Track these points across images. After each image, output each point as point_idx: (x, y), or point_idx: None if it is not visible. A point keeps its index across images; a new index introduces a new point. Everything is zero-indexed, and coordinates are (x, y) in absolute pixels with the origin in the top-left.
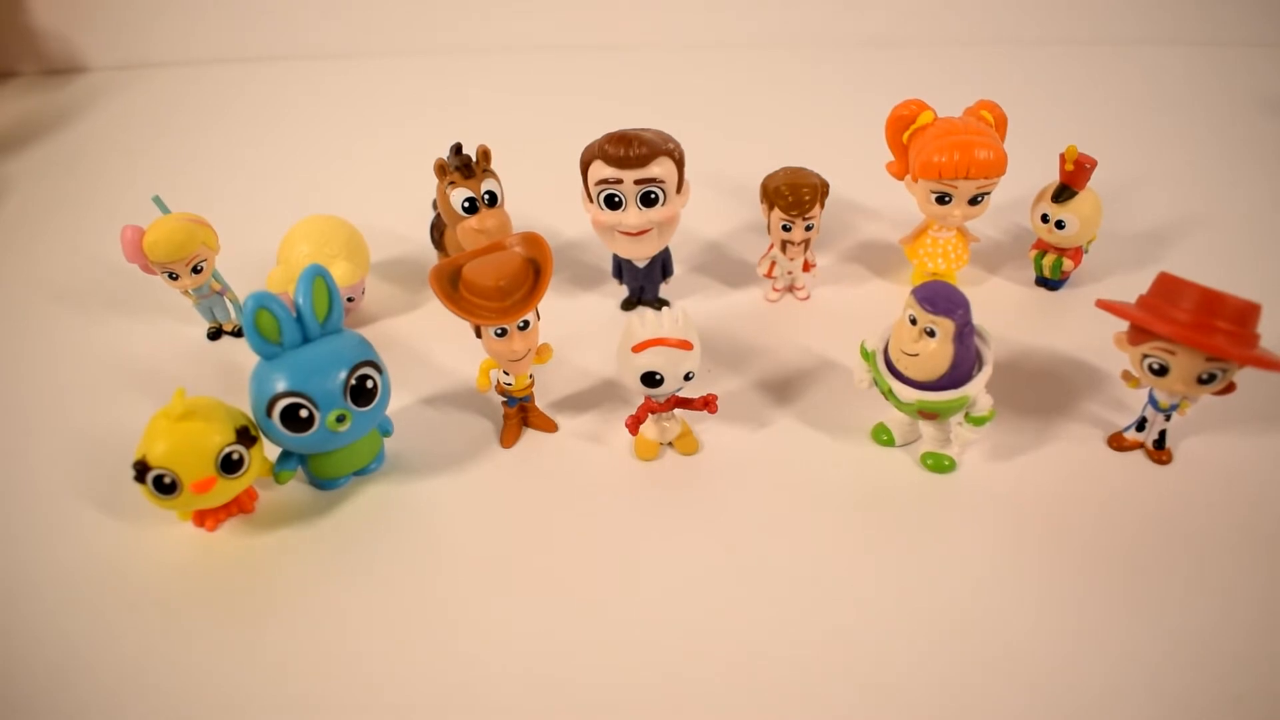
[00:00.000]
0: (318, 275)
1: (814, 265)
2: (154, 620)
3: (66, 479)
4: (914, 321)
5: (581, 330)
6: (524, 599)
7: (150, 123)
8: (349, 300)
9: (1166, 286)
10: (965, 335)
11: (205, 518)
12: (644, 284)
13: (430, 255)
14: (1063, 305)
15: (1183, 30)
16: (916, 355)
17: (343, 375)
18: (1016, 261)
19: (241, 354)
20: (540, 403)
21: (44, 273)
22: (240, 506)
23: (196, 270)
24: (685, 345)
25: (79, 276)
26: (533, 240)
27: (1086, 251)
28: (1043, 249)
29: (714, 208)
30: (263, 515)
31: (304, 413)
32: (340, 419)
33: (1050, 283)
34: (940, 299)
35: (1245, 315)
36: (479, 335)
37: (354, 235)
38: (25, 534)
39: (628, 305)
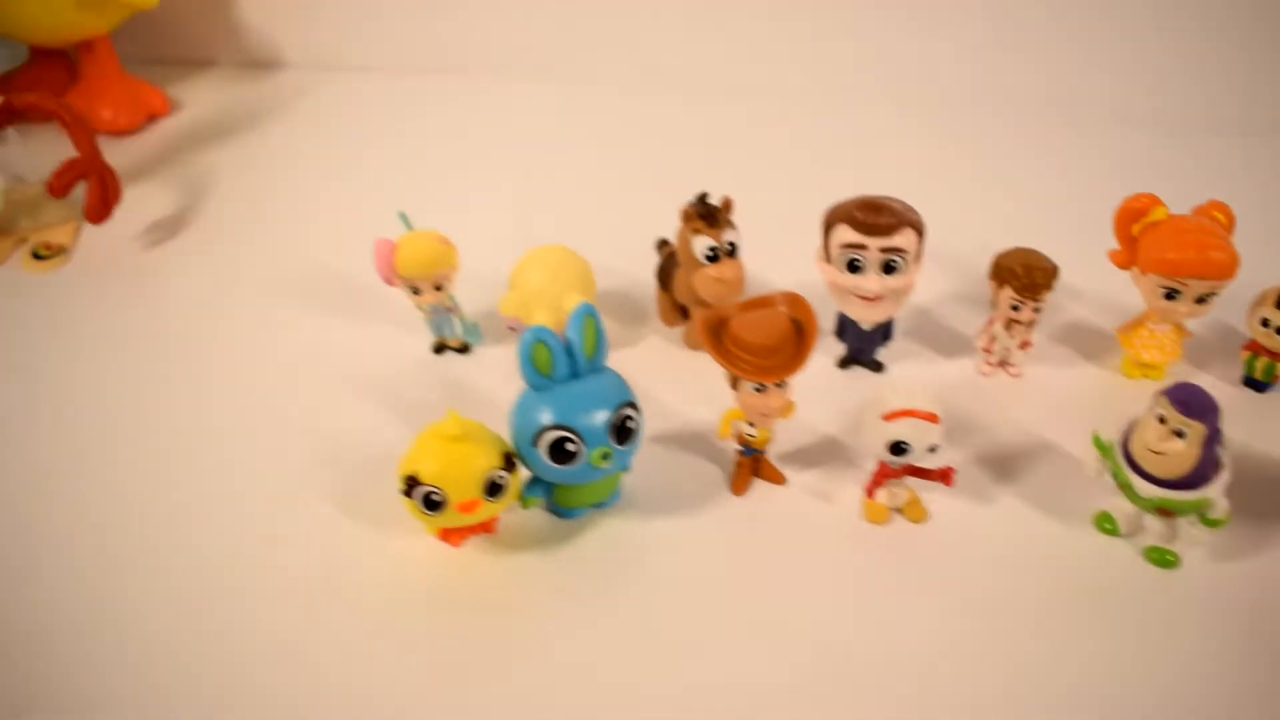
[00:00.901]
0: (588, 315)
1: (1030, 344)
2: (391, 623)
3: (302, 478)
4: (1163, 420)
5: (801, 385)
6: (744, 644)
7: (348, 126)
8: None
9: None
10: (1212, 441)
11: (451, 534)
12: (864, 345)
13: (646, 292)
14: (1272, 408)
15: None
16: (1162, 454)
17: (609, 413)
18: (1224, 358)
19: (463, 370)
20: (771, 452)
21: (259, 270)
22: (484, 526)
23: (438, 288)
24: (933, 418)
25: (293, 277)
26: (797, 302)
27: None
28: (1256, 351)
29: (923, 274)
30: (503, 536)
31: (571, 446)
32: (605, 456)
33: (1259, 384)
34: (1195, 403)
35: None
36: (734, 387)
37: (584, 268)
38: (260, 530)
39: (844, 364)
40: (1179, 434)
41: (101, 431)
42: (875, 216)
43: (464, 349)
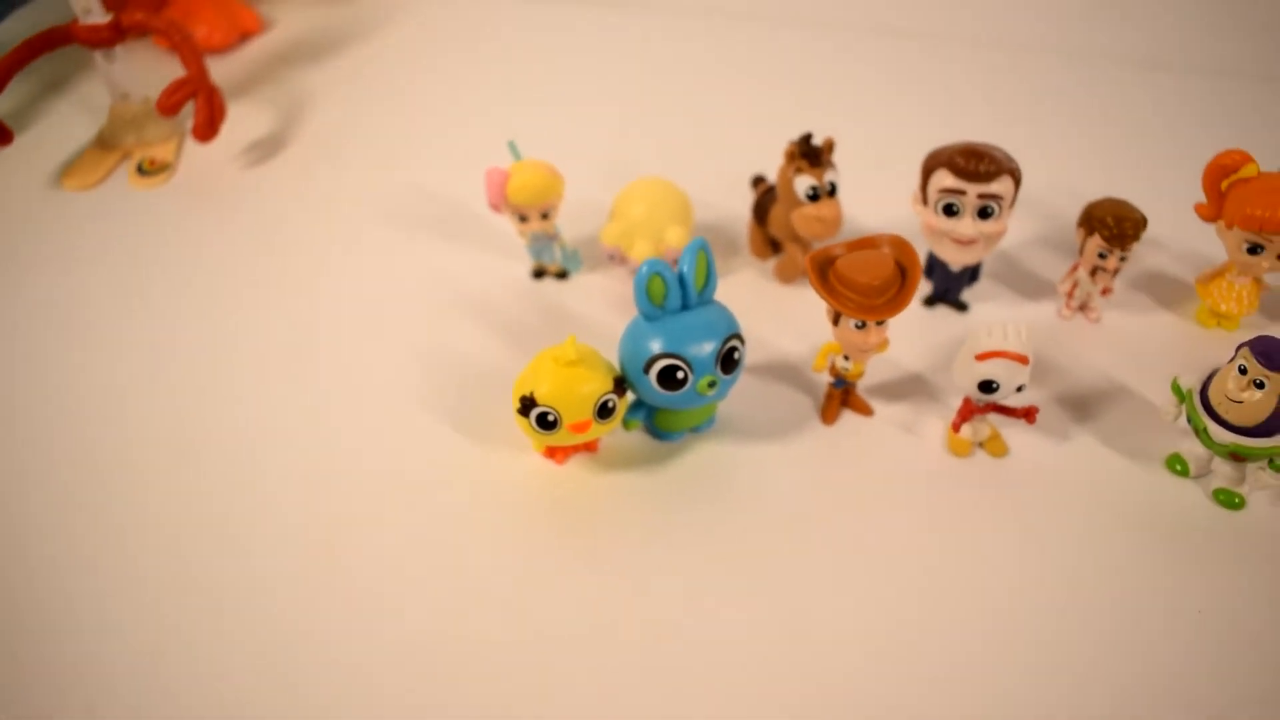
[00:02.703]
0: (701, 249)
1: (1111, 290)
2: (497, 532)
3: (411, 394)
4: (1243, 371)
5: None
6: (828, 570)
7: (448, 46)
8: (675, 261)
9: None
10: None
11: (556, 452)
12: (951, 285)
13: (738, 225)
14: None
15: None
16: (1240, 403)
17: (716, 344)
18: None
19: (562, 295)
20: (860, 386)
21: (358, 191)
22: (589, 445)
23: (545, 216)
24: (1024, 360)
25: (392, 200)
26: (901, 245)
27: None
28: None
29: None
30: (605, 456)
31: (680, 374)
32: (711, 384)
33: None
34: (1277, 355)
35: None
36: (835, 323)
37: (684, 201)
38: (375, 442)
39: (929, 302)
40: (1259, 385)
41: (212, 348)
42: (976, 163)
43: (562, 275)
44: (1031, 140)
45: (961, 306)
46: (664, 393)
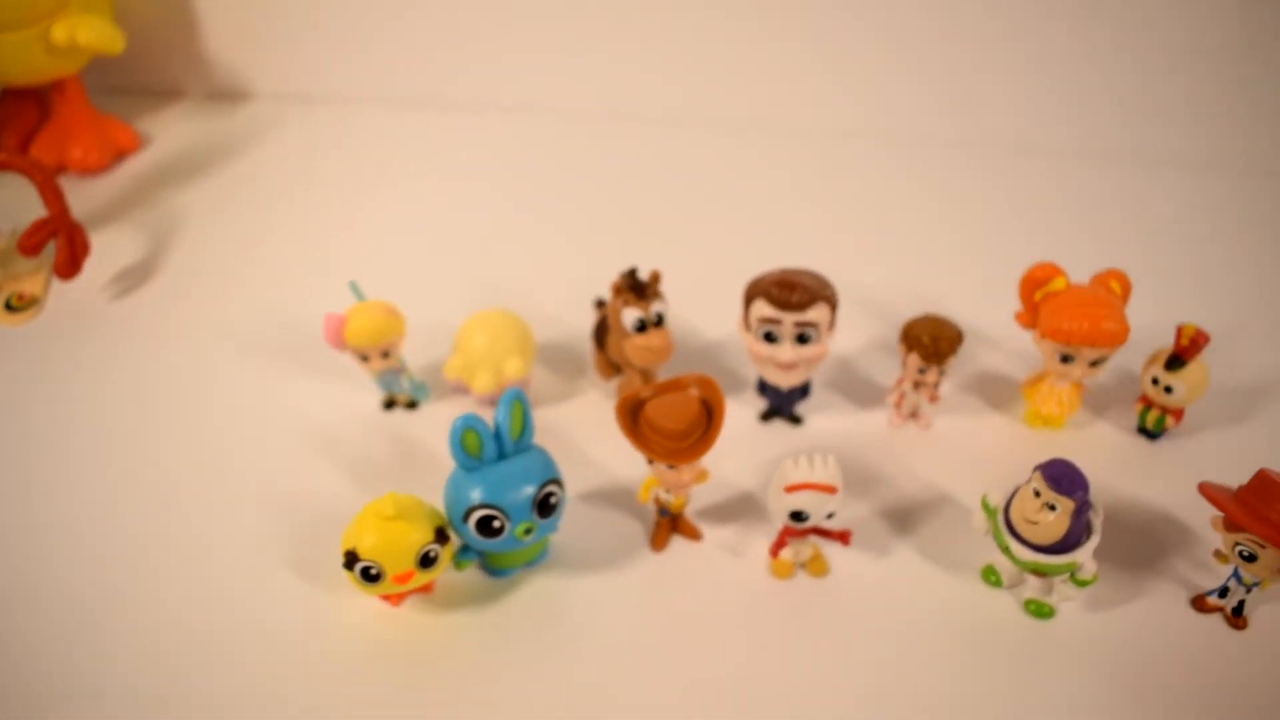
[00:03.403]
0: (516, 399)
1: (938, 398)
2: (334, 679)
3: (255, 535)
4: (1038, 494)
5: (723, 437)
6: (661, 695)
7: (318, 159)
8: None
9: (1264, 485)
10: (1081, 512)
11: (391, 596)
12: (783, 402)
13: (586, 344)
14: (1161, 456)
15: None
16: (1036, 524)
17: (532, 492)
18: (1121, 406)
19: (412, 427)
20: (689, 508)
21: (220, 318)
22: (423, 587)
23: (386, 355)
24: (831, 490)
25: (253, 325)
26: (708, 385)
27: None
28: (1148, 404)
29: (846, 321)
30: (440, 595)
31: (496, 523)
32: (528, 530)
33: (1151, 434)
34: (1064, 480)
35: None
36: (649, 461)
37: (525, 330)
38: (211, 585)
39: (765, 418)
40: (1051, 507)
41: (60, 482)
42: (789, 293)
43: (412, 405)
44: (871, 237)
45: (796, 420)
46: (483, 540)
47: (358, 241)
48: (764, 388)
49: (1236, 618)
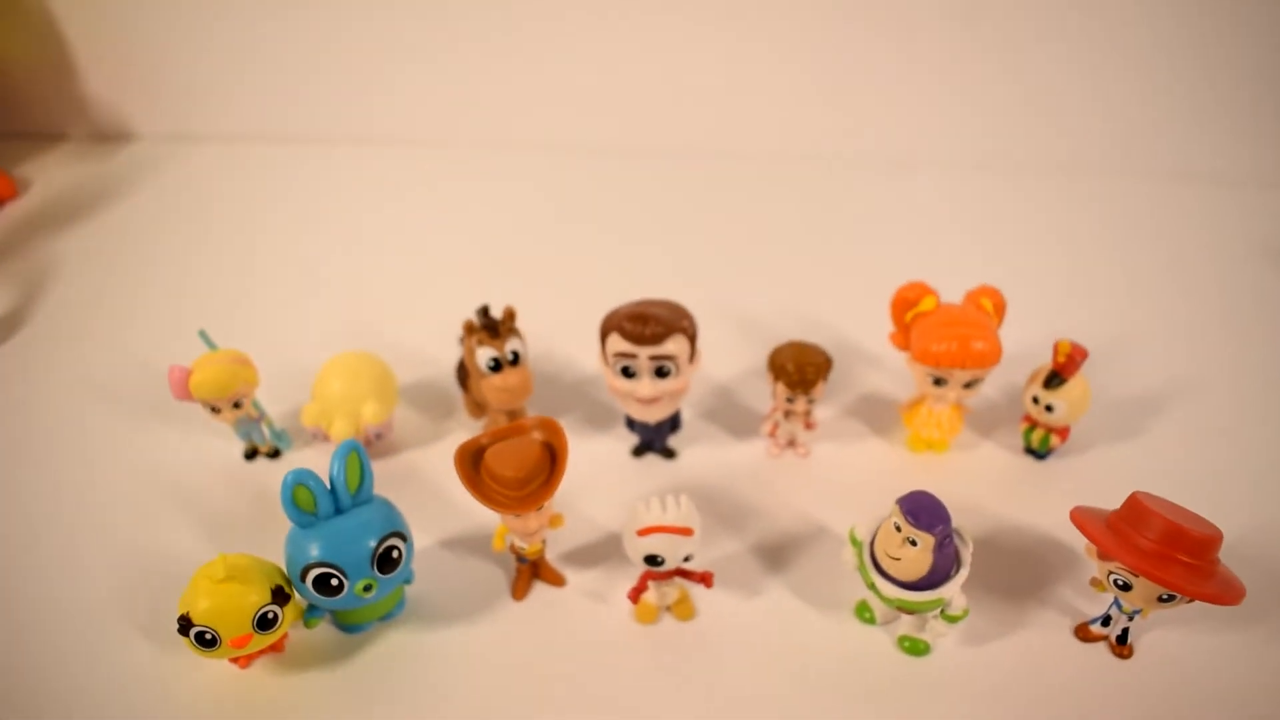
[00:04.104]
0: (352, 450)
1: (815, 425)
2: None
3: (107, 595)
4: (898, 529)
5: (593, 475)
6: None
7: (195, 200)
8: (377, 436)
9: (1135, 511)
10: (945, 546)
11: (239, 658)
12: (653, 436)
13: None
14: (1048, 476)
15: (1182, 165)
16: (899, 560)
17: (370, 547)
18: (1009, 425)
19: (274, 477)
20: (550, 553)
21: (90, 368)
22: (273, 646)
23: (237, 405)
24: (686, 532)
25: (124, 376)
26: (550, 427)
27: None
28: (1032, 424)
29: (725, 346)
30: (292, 654)
31: (334, 581)
32: (367, 588)
33: (1037, 454)
34: (923, 514)
35: (1205, 547)
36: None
37: (384, 373)
38: (62, 648)
39: (637, 453)
40: (912, 542)
41: None
42: (642, 327)
43: (275, 454)
44: (755, 259)
45: (669, 454)
46: (322, 598)
47: (227, 285)
48: (633, 423)
49: (1121, 646)
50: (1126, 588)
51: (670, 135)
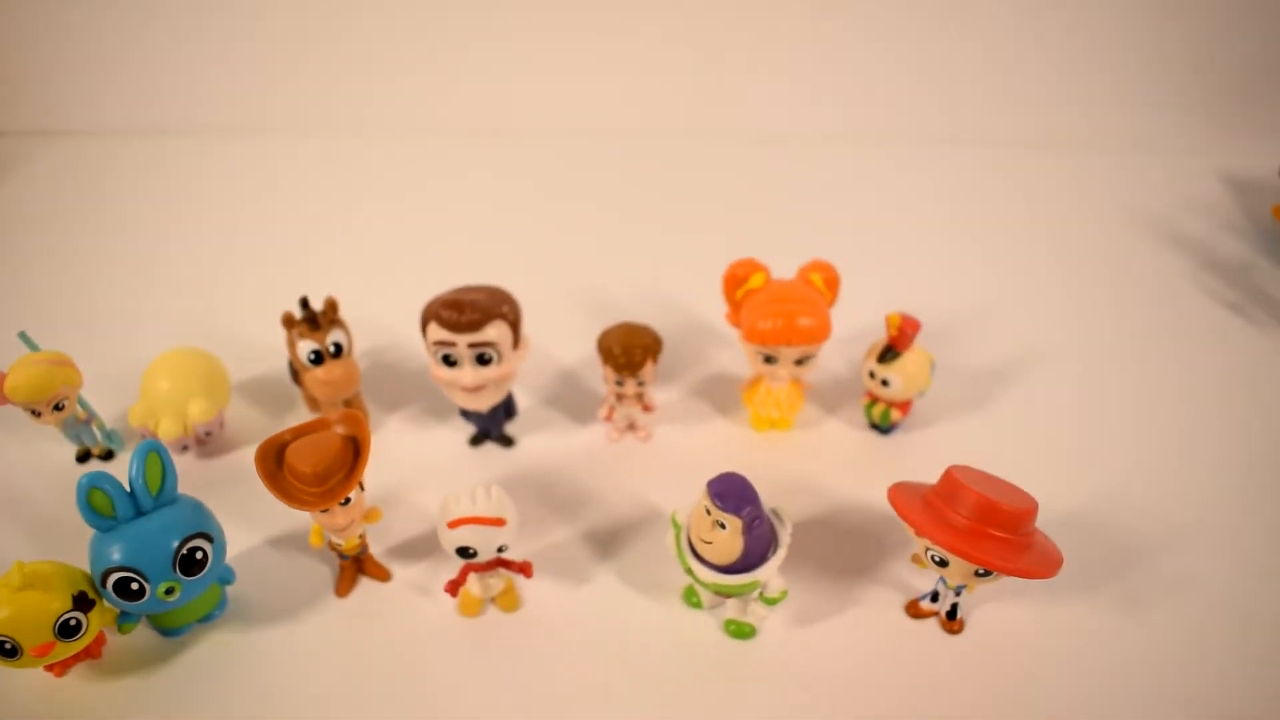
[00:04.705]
0: (151, 450)
1: (653, 408)
2: None
3: None
4: (708, 512)
5: (429, 465)
6: None
7: (46, 196)
8: (206, 434)
9: (950, 487)
10: (755, 528)
11: (53, 666)
12: (488, 424)
13: None
14: (891, 450)
15: (1044, 133)
16: (710, 543)
17: (173, 546)
18: (854, 402)
19: None
20: (377, 547)
21: None
22: (89, 653)
23: (59, 408)
24: (497, 523)
25: None
26: (353, 419)
27: (923, 395)
28: (873, 399)
29: (571, 329)
30: (109, 661)
31: (135, 585)
32: (169, 590)
33: (881, 429)
34: (730, 497)
35: (1019, 520)
36: None
37: (213, 369)
38: None
39: (475, 441)
40: (721, 525)
41: None
42: (458, 314)
43: (108, 455)
44: (609, 235)
45: (507, 442)
46: (125, 603)
47: (66, 282)
48: (467, 412)
49: (951, 621)
50: (944, 564)
51: (516, 114)
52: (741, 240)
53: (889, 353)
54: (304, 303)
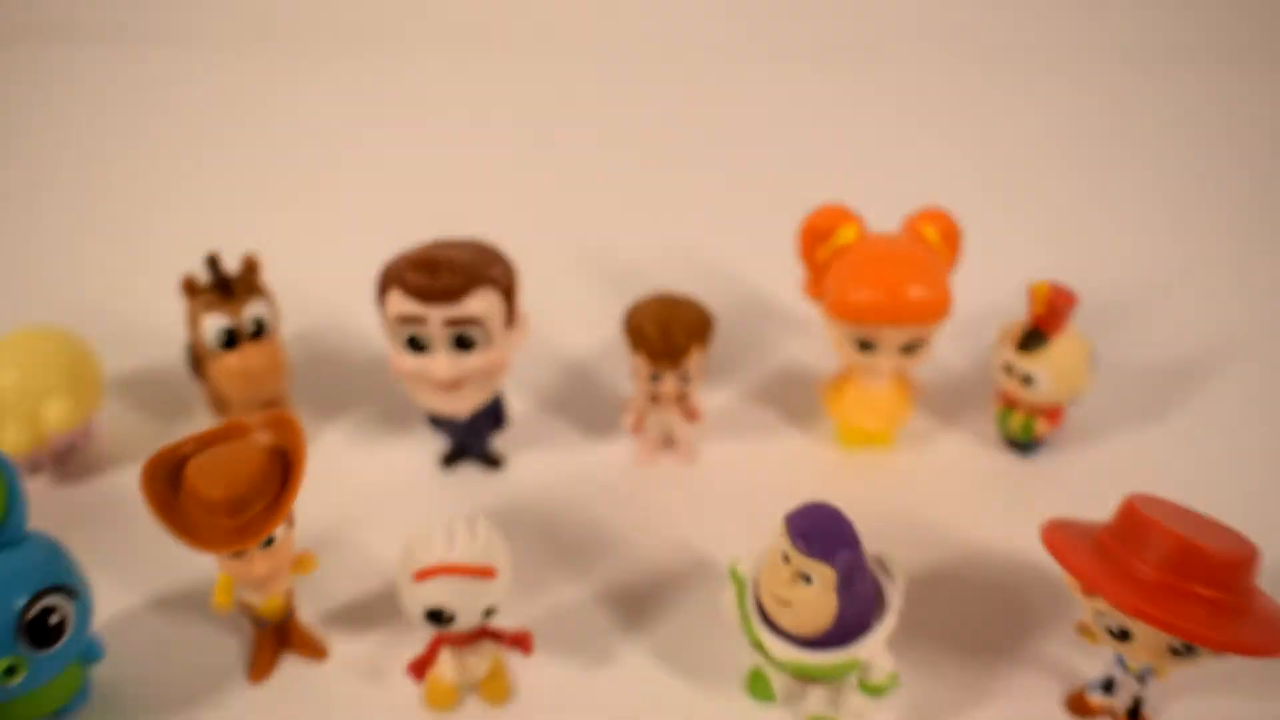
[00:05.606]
0: None
1: (699, 415)
2: None
3: None
4: (787, 559)
5: (383, 495)
6: None
7: None
8: (68, 448)
9: (1133, 526)
10: (855, 582)
11: None
12: (468, 437)
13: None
14: (1036, 476)
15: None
16: (789, 605)
17: (16, 607)
18: (984, 406)
19: None
20: (309, 609)
21: None
22: None
23: None
24: (485, 573)
25: None
26: (280, 424)
27: (1079, 399)
28: (1009, 404)
29: (586, 306)
30: None
31: None
32: (9, 671)
33: (1021, 445)
34: (818, 537)
35: (1234, 572)
36: None
37: (78, 358)
38: None
39: (449, 461)
40: (805, 578)
41: None
42: (431, 277)
43: None
44: (637, 187)
45: (493, 462)
46: None
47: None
48: (437, 420)
49: None
50: (1124, 636)
51: (511, 22)
52: (814, 182)
53: (1033, 338)
54: (212, 262)
